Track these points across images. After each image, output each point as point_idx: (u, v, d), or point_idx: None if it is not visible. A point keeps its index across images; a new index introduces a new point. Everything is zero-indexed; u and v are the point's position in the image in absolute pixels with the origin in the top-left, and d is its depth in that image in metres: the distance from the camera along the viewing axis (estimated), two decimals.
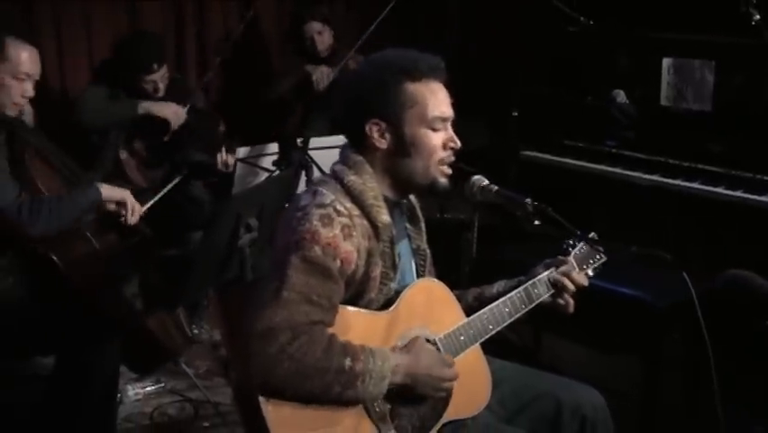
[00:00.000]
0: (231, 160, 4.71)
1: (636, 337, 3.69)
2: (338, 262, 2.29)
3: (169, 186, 3.93)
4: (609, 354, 4.05)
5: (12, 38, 3.31)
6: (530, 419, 2.63)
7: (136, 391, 4.20)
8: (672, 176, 4.24)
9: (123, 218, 3.56)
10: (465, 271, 4.38)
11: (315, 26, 5.35)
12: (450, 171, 2.48)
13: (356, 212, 2.37)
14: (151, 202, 3.86)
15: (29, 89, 3.37)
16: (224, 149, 4.73)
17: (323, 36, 5.37)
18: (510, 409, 2.65)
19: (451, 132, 2.47)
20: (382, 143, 2.43)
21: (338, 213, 2.32)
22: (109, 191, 3.50)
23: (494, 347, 2.61)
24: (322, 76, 5.26)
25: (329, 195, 2.36)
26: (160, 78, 4.75)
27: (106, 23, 5.29)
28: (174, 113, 4.69)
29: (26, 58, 3.33)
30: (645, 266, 3.61)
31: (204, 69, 5.80)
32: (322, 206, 2.33)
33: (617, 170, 4.41)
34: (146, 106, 4.67)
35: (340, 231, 2.30)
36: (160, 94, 4.80)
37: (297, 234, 2.29)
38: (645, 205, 4.32)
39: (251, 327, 2.20)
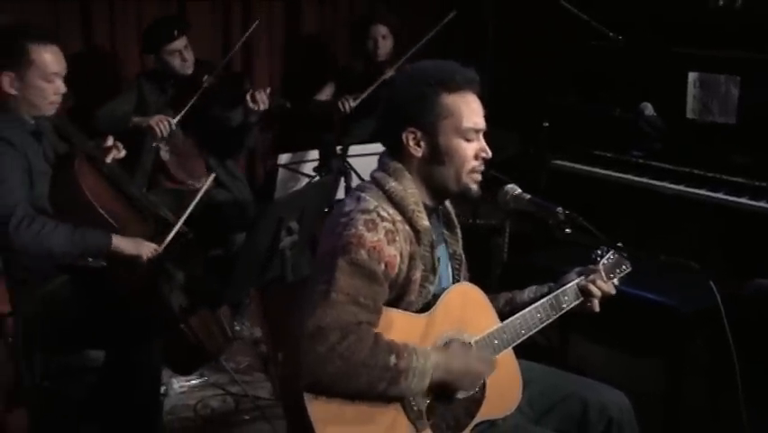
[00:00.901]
0: (260, 95, 4.68)
1: (661, 342, 3.65)
2: (382, 265, 2.29)
3: (181, 221, 3.79)
4: (634, 357, 4.00)
5: (32, 43, 3.25)
6: (558, 420, 2.62)
7: (181, 385, 4.22)
8: (697, 186, 4.19)
9: (137, 269, 3.41)
10: (496, 275, 4.36)
11: (381, 29, 5.31)
12: (479, 178, 2.47)
13: (398, 217, 2.37)
14: (172, 234, 3.64)
15: (61, 86, 3.34)
16: (251, 91, 4.73)
17: (386, 41, 5.32)
18: (538, 410, 2.63)
19: (483, 142, 2.47)
20: (417, 151, 2.42)
21: (382, 218, 2.32)
22: (121, 243, 3.34)
23: (522, 349, 2.60)
24: (345, 102, 5.21)
25: (372, 201, 2.36)
26: (183, 47, 4.79)
27: None
28: (158, 121, 4.58)
29: (51, 58, 3.29)
30: (671, 273, 3.57)
31: (249, 66, 5.82)
32: (366, 211, 2.33)
33: (644, 179, 4.38)
34: (135, 121, 4.67)
35: (384, 236, 2.31)
36: (189, 68, 4.83)
37: (343, 238, 2.28)
38: (671, 214, 4.27)
39: (301, 328, 2.20)
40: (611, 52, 4.80)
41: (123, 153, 3.70)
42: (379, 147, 3.49)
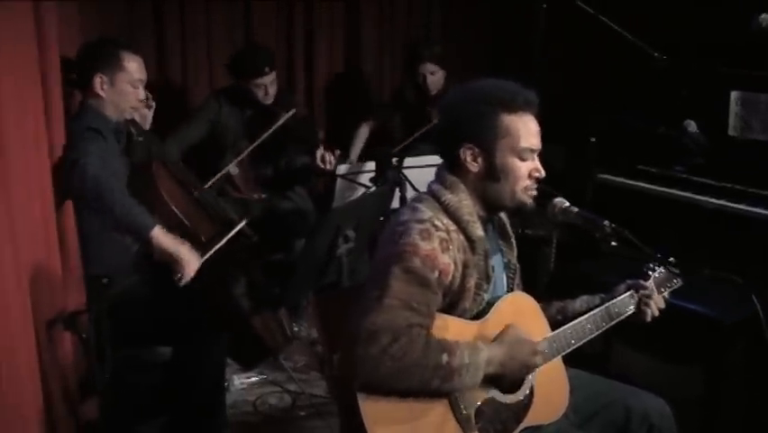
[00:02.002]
0: (329, 156, 4.71)
1: (701, 350, 3.61)
2: (436, 273, 2.29)
3: (229, 235, 3.82)
4: (674, 364, 3.96)
5: (124, 51, 3.43)
6: (600, 426, 2.60)
7: (241, 382, 4.25)
8: (737, 200, 4.14)
9: (178, 276, 3.30)
10: (543, 283, 4.33)
11: (429, 67, 5.22)
12: (535, 194, 2.46)
13: (453, 227, 2.37)
14: (211, 251, 3.52)
15: (142, 93, 3.51)
16: (321, 147, 4.74)
17: (435, 76, 5.24)
18: (582, 416, 2.62)
19: (537, 162, 2.45)
20: (474, 167, 2.42)
21: (436, 228, 2.32)
22: (163, 237, 3.25)
23: (566, 356, 2.58)
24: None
25: (427, 211, 2.36)
26: (269, 82, 4.80)
27: (225, 35, 5.37)
28: None
29: (138, 66, 3.46)
30: (712, 285, 3.53)
31: (311, 76, 5.86)
32: (421, 221, 2.33)
33: (687, 194, 4.32)
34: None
35: (438, 244, 2.30)
36: (269, 100, 4.85)
37: (398, 246, 2.29)
38: (713, 227, 4.22)
39: (354, 331, 2.20)
40: (656, 71, 4.76)
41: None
42: (433, 159, 3.48)
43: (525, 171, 2.42)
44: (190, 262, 3.29)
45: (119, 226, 3.28)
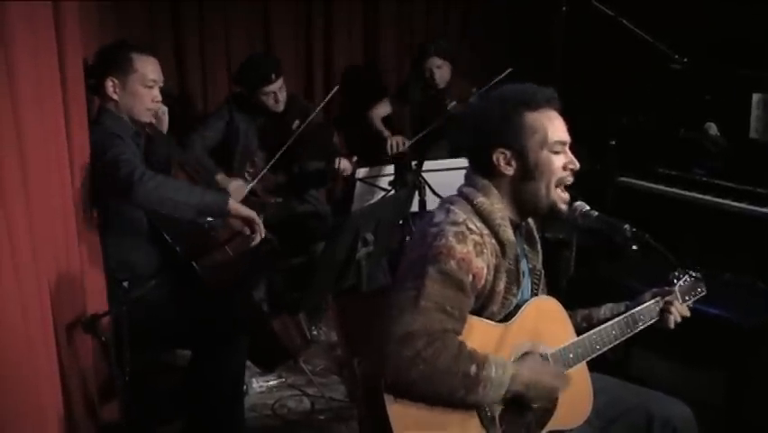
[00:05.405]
0: (347, 165, 4.75)
1: (724, 355, 3.59)
2: (470, 276, 2.30)
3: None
4: (696, 369, 3.93)
5: (136, 53, 3.42)
6: (622, 430, 2.59)
7: (260, 385, 4.24)
8: (758, 204, 4.12)
9: (252, 236, 3.38)
10: (563, 286, 4.31)
11: (436, 61, 5.29)
12: (568, 197, 2.47)
13: (485, 231, 2.37)
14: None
15: (157, 95, 3.49)
16: (339, 156, 4.77)
17: (442, 70, 5.31)
18: (603, 420, 2.61)
19: (570, 154, 2.46)
20: (509, 170, 2.42)
21: (470, 231, 2.33)
22: (237, 206, 3.35)
23: (588, 361, 2.56)
24: (395, 144, 5.21)
25: (461, 214, 2.37)
26: (278, 89, 4.75)
27: (244, 53, 5.35)
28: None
29: (151, 68, 3.45)
30: (734, 289, 3.51)
31: (329, 75, 5.87)
32: (455, 223, 2.33)
33: (708, 197, 4.31)
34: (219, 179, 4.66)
35: (473, 248, 2.31)
36: (280, 107, 4.80)
37: (433, 248, 2.29)
38: (733, 230, 4.20)
39: (389, 331, 2.20)
40: (678, 74, 4.74)
41: None
42: (451, 163, 3.46)
43: (560, 164, 2.42)
44: (262, 224, 3.40)
45: (197, 215, 3.30)
